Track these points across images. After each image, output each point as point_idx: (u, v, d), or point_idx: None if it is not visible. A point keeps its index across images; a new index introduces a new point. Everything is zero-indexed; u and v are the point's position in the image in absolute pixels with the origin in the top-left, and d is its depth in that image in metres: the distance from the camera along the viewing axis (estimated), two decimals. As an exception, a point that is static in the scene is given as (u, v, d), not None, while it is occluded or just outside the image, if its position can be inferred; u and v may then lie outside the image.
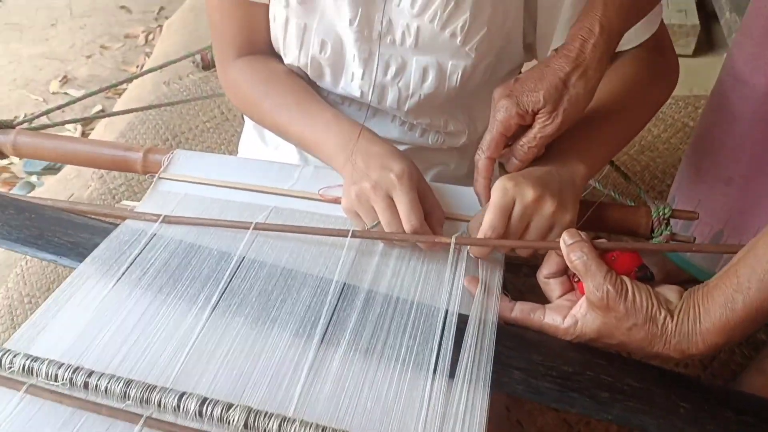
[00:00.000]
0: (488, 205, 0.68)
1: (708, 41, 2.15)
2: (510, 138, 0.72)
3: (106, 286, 0.66)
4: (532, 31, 0.85)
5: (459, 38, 0.80)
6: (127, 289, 0.66)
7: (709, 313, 0.56)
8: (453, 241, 0.70)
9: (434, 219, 0.73)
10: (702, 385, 0.61)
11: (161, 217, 0.74)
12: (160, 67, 1.06)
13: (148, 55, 2.28)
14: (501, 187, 0.68)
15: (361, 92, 0.86)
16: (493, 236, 0.67)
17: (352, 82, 0.85)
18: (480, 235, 0.68)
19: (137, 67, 2.25)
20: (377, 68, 0.83)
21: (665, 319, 0.58)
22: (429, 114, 0.90)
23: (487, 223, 0.67)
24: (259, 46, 0.89)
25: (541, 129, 0.69)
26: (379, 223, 0.71)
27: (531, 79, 0.69)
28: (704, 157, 1.10)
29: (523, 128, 0.71)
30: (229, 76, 0.89)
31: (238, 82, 0.88)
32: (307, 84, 0.87)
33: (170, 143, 1.54)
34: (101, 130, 1.60)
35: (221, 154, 1.54)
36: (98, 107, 2.05)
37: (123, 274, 0.68)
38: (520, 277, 0.85)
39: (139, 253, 0.70)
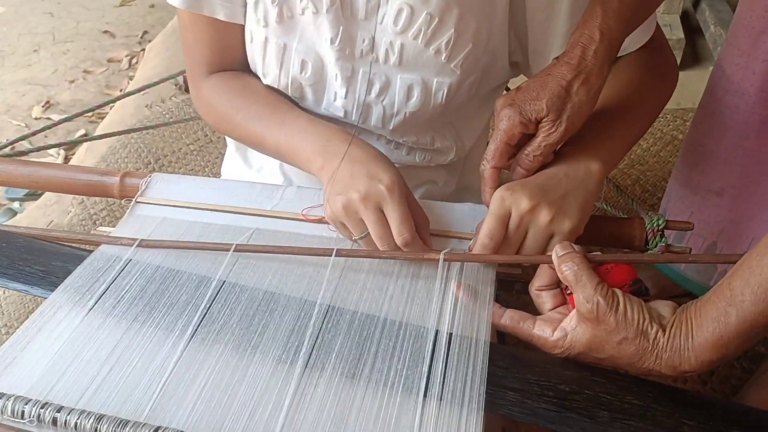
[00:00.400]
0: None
1: (693, 55, 2.15)
2: (514, 147, 0.71)
3: (78, 315, 0.63)
4: (518, 49, 0.84)
5: (444, 55, 0.78)
6: (100, 318, 0.63)
7: (702, 328, 0.54)
8: (441, 257, 0.67)
9: (422, 229, 0.70)
10: (706, 401, 0.58)
11: (137, 242, 0.71)
12: (140, 90, 1.04)
13: (131, 78, 2.26)
14: (498, 196, 0.67)
15: (345, 112, 0.83)
16: (491, 245, 0.66)
17: (335, 102, 0.83)
18: (478, 245, 0.67)
19: (120, 90, 2.23)
20: (360, 87, 0.81)
21: (657, 333, 0.56)
22: (415, 132, 0.87)
23: (484, 232, 0.66)
24: (233, 65, 0.87)
25: (545, 137, 0.68)
26: (367, 233, 0.68)
27: (533, 88, 0.68)
28: (695, 169, 1.08)
29: (528, 137, 0.70)
30: (201, 93, 0.87)
31: (210, 98, 0.86)
32: (281, 95, 0.85)
33: (153, 167, 1.51)
34: (82, 155, 1.57)
35: (205, 176, 1.51)
36: (81, 131, 2.02)
37: (96, 302, 0.65)
38: (512, 294, 0.82)
39: (114, 280, 0.67)
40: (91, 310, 0.64)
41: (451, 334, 0.62)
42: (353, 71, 0.80)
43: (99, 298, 0.65)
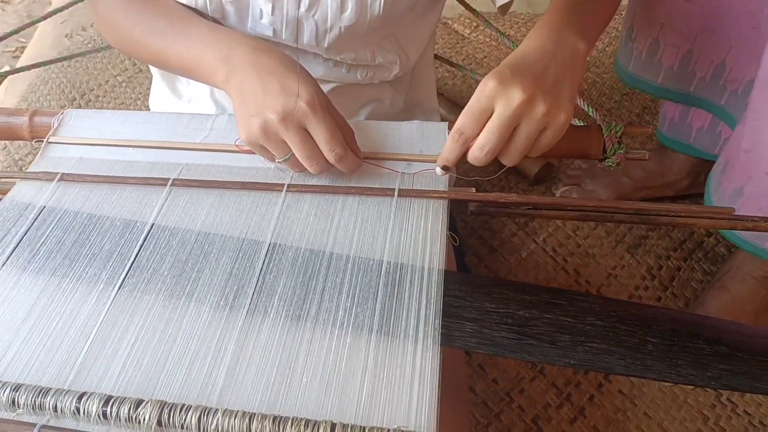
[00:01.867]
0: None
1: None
2: None
3: (-12, 274, 0.57)
4: None
5: None
6: (14, 275, 0.57)
7: None
8: (396, 193, 0.64)
9: (350, 140, 0.65)
10: (671, 317, 0.56)
11: (58, 176, 0.65)
12: (47, 16, 0.93)
13: (54, 7, 2.08)
14: (482, 87, 0.60)
15: (273, 30, 0.75)
16: (461, 140, 0.61)
17: (261, 21, 0.75)
18: (448, 141, 0.62)
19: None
20: (287, 1, 0.73)
21: None
22: (353, 48, 0.80)
23: (456, 126, 0.61)
24: None
25: None
26: (292, 154, 0.62)
27: None
28: None
29: None
30: (98, 10, 0.77)
31: (107, 13, 0.76)
32: (185, 6, 0.75)
33: (78, 103, 1.39)
34: (2, 95, 1.44)
35: (137, 109, 1.41)
36: (6, 68, 1.86)
37: (8, 258, 0.58)
38: (467, 215, 0.78)
39: (27, 231, 0.60)
40: (2, 266, 0.58)
41: (402, 265, 0.58)
42: None
43: (11, 253, 0.59)
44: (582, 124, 0.73)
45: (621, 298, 1.12)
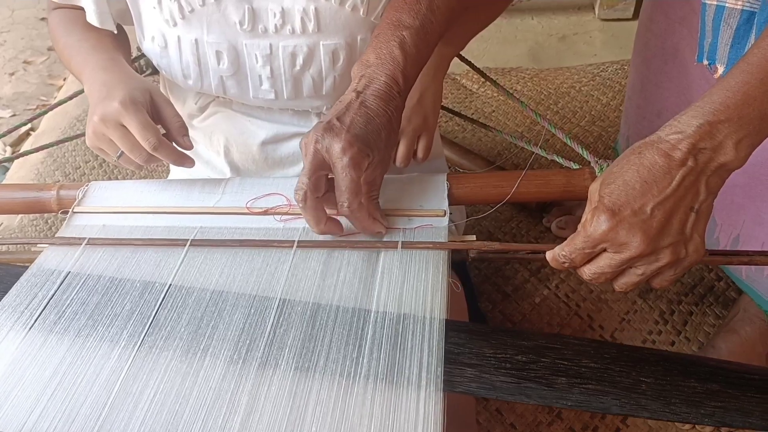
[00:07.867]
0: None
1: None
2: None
3: (17, 336, 0.61)
4: None
5: (361, 10, 0.76)
6: (41, 336, 0.61)
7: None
8: (400, 244, 0.67)
9: (175, 133, 0.74)
10: (663, 356, 0.57)
11: (86, 240, 0.70)
12: (71, 96, 1.00)
13: (74, 65, 2.18)
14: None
15: (275, 92, 0.81)
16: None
17: (262, 87, 0.81)
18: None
19: (64, 79, 2.14)
20: (283, 62, 0.78)
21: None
22: None
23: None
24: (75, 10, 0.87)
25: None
26: (122, 151, 0.72)
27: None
28: (638, 95, 1.12)
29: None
30: (50, 23, 0.89)
31: (52, 28, 0.87)
32: (102, 37, 0.84)
33: (101, 159, 1.47)
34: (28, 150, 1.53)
35: (155, 165, 1.48)
36: (27, 125, 1.96)
37: (36, 320, 0.62)
38: (478, 262, 0.81)
39: (53, 295, 0.65)
40: (30, 329, 0.62)
41: (405, 316, 0.61)
42: (271, 48, 0.78)
43: (39, 316, 0.63)
44: (577, 167, 0.76)
45: (634, 344, 1.13)
